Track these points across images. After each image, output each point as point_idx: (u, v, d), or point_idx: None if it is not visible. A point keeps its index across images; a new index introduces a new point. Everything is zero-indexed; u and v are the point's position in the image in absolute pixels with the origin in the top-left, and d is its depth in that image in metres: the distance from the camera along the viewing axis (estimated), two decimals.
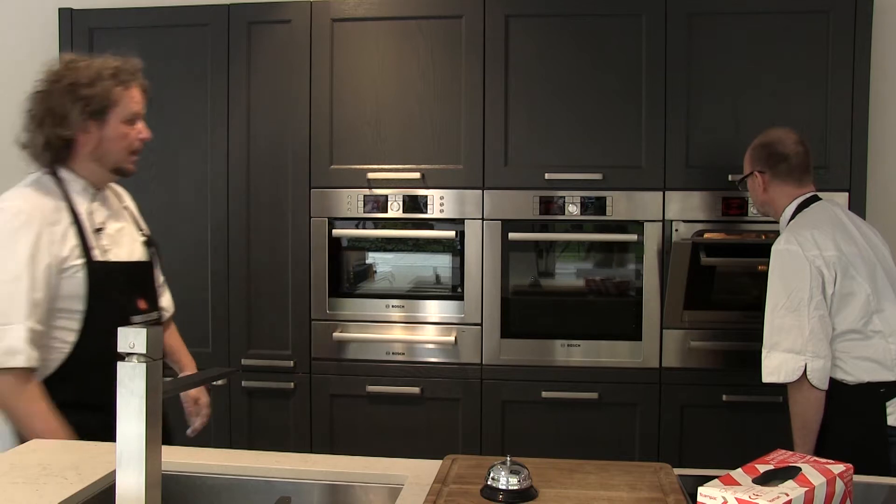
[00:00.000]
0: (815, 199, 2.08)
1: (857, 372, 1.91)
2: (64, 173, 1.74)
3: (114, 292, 1.71)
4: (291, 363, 2.68)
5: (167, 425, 1.86)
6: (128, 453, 1.05)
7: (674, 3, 2.53)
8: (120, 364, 1.04)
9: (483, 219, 2.60)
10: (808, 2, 2.51)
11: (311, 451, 2.45)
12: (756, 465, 1.17)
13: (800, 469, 1.13)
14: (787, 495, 1.05)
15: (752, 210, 2.52)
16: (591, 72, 2.57)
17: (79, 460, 1.44)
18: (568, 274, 2.67)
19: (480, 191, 2.60)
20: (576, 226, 2.61)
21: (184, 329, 2.70)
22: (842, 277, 1.91)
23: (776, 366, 1.92)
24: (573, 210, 2.58)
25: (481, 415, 2.61)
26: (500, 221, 2.60)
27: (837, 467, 1.15)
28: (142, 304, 1.78)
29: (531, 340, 2.62)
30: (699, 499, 1.09)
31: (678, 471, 1.38)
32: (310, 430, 2.68)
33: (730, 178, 2.41)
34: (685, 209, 2.54)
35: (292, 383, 2.68)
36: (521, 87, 2.59)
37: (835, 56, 2.49)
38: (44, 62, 1.78)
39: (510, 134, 2.60)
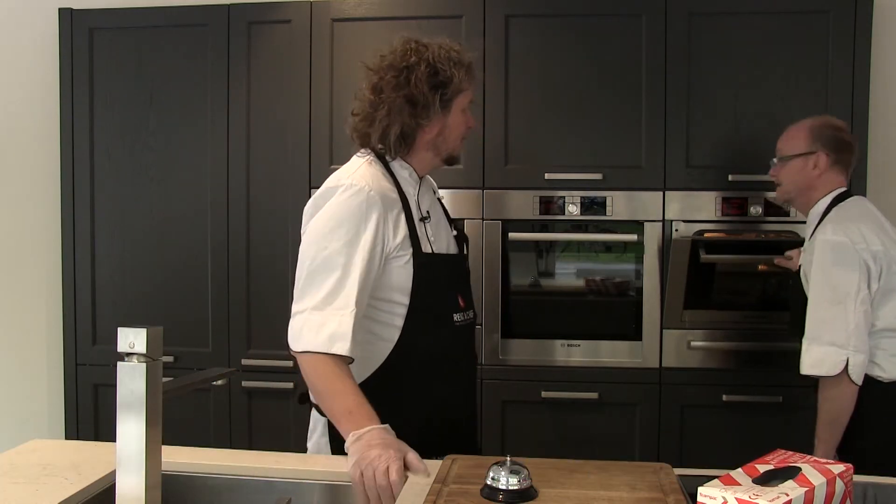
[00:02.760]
0: (848, 193, 2.05)
1: (893, 369, 1.91)
2: (394, 161, 1.67)
3: (438, 286, 1.64)
4: (291, 363, 2.65)
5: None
6: (128, 453, 1.05)
7: (674, 3, 2.53)
8: (120, 364, 1.04)
9: (483, 219, 2.60)
10: (808, 2, 2.51)
11: None
12: (756, 465, 1.17)
13: (800, 469, 1.13)
14: (787, 495, 1.05)
15: (752, 210, 2.52)
16: (591, 72, 2.57)
17: (79, 460, 1.44)
18: (568, 274, 2.67)
19: (480, 191, 2.60)
20: (576, 226, 2.61)
21: (184, 329, 2.72)
22: (886, 273, 1.90)
23: (818, 359, 1.88)
24: (573, 210, 2.58)
25: (481, 415, 2.60)
26: (500, 221, 2.60)
27: (837, 467, 1.15)
28: (461, 301, 1.69)
29: (531, 340, 2.62)
30: (699, 499, 1.09)
31: (678, 471, 1.37)
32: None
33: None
34: (685, 209, 2.54)
35: (292, 383, 2.68)
36: (521, 87, 2.59)
37: (835, 56, 2.49)
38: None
39: (510, 134, 2.60)
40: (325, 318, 1.49)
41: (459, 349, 1.70)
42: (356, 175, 1.58)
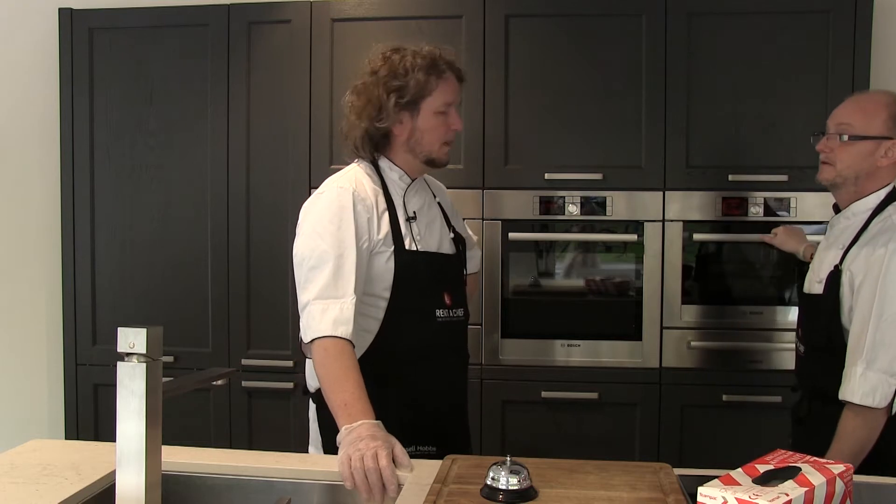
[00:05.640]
0: None
1: None
2: (382, 162, 1.76)
3: (420, 283, 1.70)
4: (291, 363, 2.68)
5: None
6: (128, 453, 1.05)
7: (674, 3, 2.53)
8: (120, 364, 1.04)
9: (483, 219, 2.60)
10: (808, 2, 2.51)
11: None
12: (756, 465, 1.17)
13: (800, 469, 1.13)
14: (787, 495, 1.05)
15: (752, 210, 2.52)
16: (591, 72, 2.57)
17: (79, 460, 1.44)
18: (568, 274, 2.67)
19: (480, 191, 2.60)
20: (576, 226, 2.61)
21: (184, 329, 2.72)
22: None
23: (872, 387, 1.63)
24: (573, 210, 2.58)
25: (481, 415, 2.60)
26: (500, 221, 2.60)
27: (837, 467, 1.15)
28: (447, 299, 1.74)
29: (531, 340, 2.62)
30: (699, 499, 1.09)
31: (678, 471, 1.37)
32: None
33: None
34: (685, 209, 2.54)
35: (292, 383, 2.68)
36: (521, 87, 2.59)
37: (835, 56, 2.49)
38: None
39: (510, 134, 2.60)
40: (326, 306, 1.56)
41: (443, 345, 1.75)
42: (343, 179, 1.70)
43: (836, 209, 1.86)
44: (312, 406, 1.78)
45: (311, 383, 1.76)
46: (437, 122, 1.71)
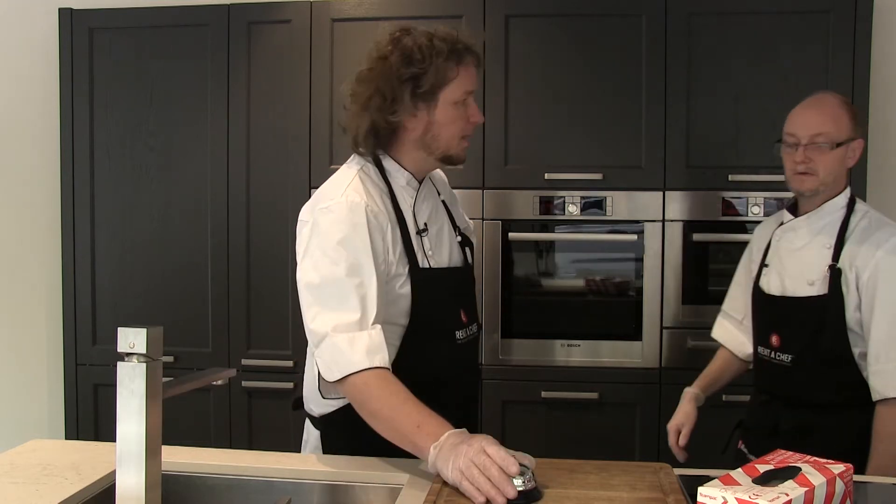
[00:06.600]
0: None
1: None
2: (388, 163, 1.56)
3: (438, 304, 1.55)
4: (291, 363, 2.68)
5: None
6: (128, 453, 1.05)
7: (674, 3, 2.53)
8: (120, 364, 1.04)
9: (483, 219, 2.60)
10: (808, 2, 2.51)
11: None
12: (756, 465, 1.17)
13: (800, 469, 1.13)
14: (787, 495, 1.05)
15: (752, 210, 2.52)
16: (591, 72, 2.57)
17: (79, 460, 1.44)
18: (568, 274, 2.67)
19: (480, 191, 2.60)
20: (576, 226, 2.61)
21: (184, 329, 2.72)
22: None
23: None
24: (573, 210, 2.58)
25: (481, 415, 2.59)
26: (500, 221, 2.60)
27: (837, 467, 1.15)
28: (464, 317, 1.60)
29: (531, 340, 2.62)
30: (699, 499, 1.09)
31: (678, 471, 1.38)
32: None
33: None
34: (685, 209, 2.54)
35: (292, 383, 2.68)
36: (521, 87, 2.59)
37: (835, 56, 2.49)
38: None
39: (510, 134, 2.60)
40: (352, 338, 1.38)
41: (460, 366, 1.64)
42: (350, 189, 1.49)
43: (792, 211, 1.86)
44: (315, 432, 1.64)
45: (316, 409, 1.62)
46: (456, 115, 1.51)
